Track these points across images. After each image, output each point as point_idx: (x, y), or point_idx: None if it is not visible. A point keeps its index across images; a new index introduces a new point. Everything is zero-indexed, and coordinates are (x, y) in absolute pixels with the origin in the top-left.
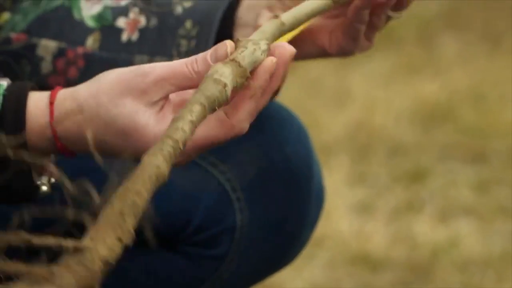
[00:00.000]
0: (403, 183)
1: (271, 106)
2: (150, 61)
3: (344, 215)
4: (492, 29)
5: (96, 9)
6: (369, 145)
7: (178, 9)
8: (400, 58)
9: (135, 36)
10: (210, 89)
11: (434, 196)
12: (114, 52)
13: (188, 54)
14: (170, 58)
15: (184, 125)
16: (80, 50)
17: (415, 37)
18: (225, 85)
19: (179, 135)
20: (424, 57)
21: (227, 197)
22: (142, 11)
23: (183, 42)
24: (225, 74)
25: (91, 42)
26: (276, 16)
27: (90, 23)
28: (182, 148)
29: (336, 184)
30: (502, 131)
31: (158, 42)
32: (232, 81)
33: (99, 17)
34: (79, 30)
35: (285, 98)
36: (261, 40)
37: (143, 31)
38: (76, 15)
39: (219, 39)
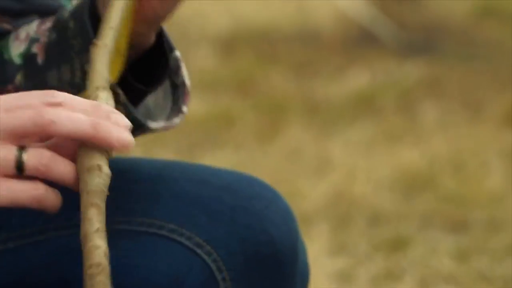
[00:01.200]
0: (383, 251)
1: (257, 186)
2: (58, 73)
3: (325, 284)
4: (472, 97)
5: (22, 47)
6: (349, 213)
7: (65, 13)
8: (381, 126)
9: (43, 56)
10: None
11: (414, 265)
12: (36, 79)
13: (81, 52)
14: (72, 61)
15: (96, 238)
16: (10, 87)
17: (395, 105)
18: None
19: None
20: (404, 125)
21: (213, 278)
22: (46, 29)
23: (74, 42)
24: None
25: (19, 78)
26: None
27: (18, 60)
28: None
29: (316, 253)
30: (482, 199)
31: (59, 52)
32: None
33: (25, 53)
34: (9, 69)
35: (265, 167)
36: (103, 91)
37: (47, 48)
38: (5, 55)
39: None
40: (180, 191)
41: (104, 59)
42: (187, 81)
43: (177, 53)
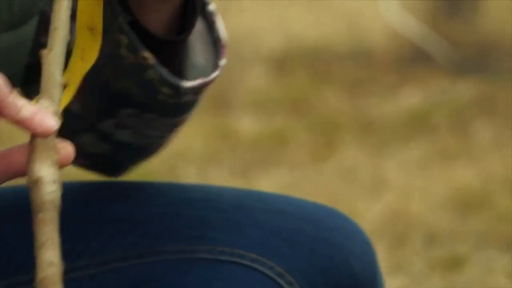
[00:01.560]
0: (439, 271)
1: (337, 217)
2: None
3: None
4: None
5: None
6: (405, 233)
7: None
8: (435, 145)
9: None
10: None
11: (470, 284)
12: None
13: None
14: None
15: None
16: None
17: (449, 123)
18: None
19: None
20: (458, 144)
21: None
22: None
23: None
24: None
25: None
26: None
27: None
28: None
29: None
30: None
31: None
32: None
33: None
34: None
35: (319, 186)
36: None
37: None
38: None
39: None
40: (262, 221)
41: (54, 68)
42: (223, 35)
43: (212, 6)
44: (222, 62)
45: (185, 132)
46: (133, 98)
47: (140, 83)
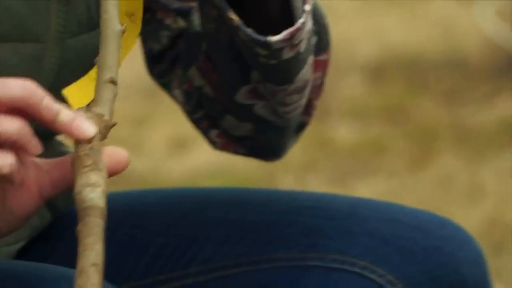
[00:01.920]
0: None
1: (449, 226)
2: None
3: None
4: None
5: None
6: (503, 241)
7: None
8: None
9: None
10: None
11: None
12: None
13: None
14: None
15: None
16: (201, 57)
17: None
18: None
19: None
20: None
21: None
22: None
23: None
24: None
25: (204, 45)
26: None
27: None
28: None
29: None
30: None
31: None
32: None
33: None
34: (199, 41)
35: (416, 194)
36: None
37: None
38: (192, 29)
39: None
40: (373, 229)
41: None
42: None
43: None
44: (307, 7)
45: None
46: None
47: (242, 47)
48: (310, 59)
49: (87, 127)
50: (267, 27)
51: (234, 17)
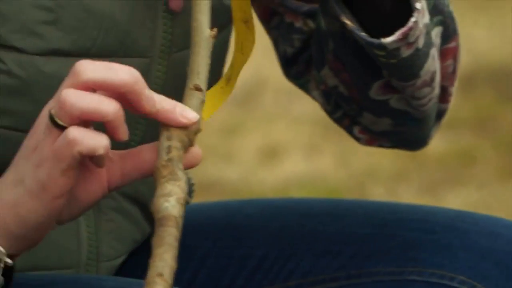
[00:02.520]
0: None
1: None
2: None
3: None
4: None
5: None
6: None
7: None
8: None
9: None
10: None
11: None
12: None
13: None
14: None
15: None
16: (329, 56)
17: None
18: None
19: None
20: None
21: None
22: None
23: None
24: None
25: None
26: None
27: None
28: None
29: None
30: None
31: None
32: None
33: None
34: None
35: (508, 205)
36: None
37: None
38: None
39: None
40: (472, 243)
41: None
42: None
43: None
44: (419, 5)
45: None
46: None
47: (362, 47)
48: (433, 52)
49: (190, 112)
50: (382, 24)
51: (347, 21)
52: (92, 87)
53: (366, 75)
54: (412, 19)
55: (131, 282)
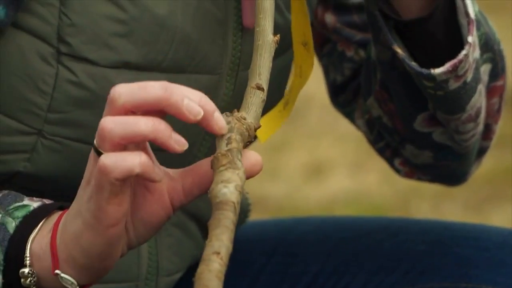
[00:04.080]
0: None
1: None
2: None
3: None
4: None
5: None
6: None
7: None
8: None
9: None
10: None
11: None
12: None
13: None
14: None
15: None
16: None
17: None
18: (234, 204)
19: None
20: None
21: None
22: None
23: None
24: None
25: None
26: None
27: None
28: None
29: None
30: None
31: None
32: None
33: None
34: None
35: None
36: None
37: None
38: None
39: None
40: None
41: (263, 58)
42: (471, 11)
43: None
44: (470, 39)
45: None
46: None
47: (410, 77)
48: (480, 87)
49: (221, 122)
50: (433, 56)
51: (399, 50)
52: (131, 110)
53: (412, 106)
54: (463, 52)
55: None
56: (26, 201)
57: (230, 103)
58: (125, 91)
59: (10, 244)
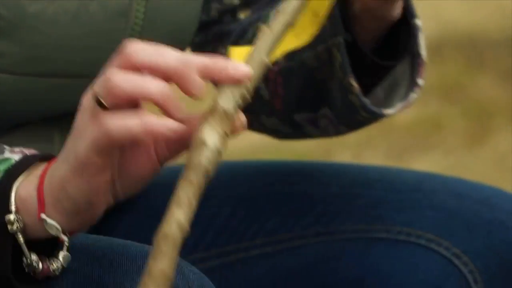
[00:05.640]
0: None
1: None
2: (315, 53)
3: None
4: None
5: None
6: None
7: None
8: None
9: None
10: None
11: None
12: (294, 61)
13: (332, 34)
14: (326, 42)
15: (175, 209)
16: (275, 68)
17: None
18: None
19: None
20: None
21: None
22: None
23: (327, 24)
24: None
25: (281, 59)
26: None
27: None
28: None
29: None
30: None
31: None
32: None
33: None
34: None
35: (474, 172)
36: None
37: None
38: None
39: None
40: (440, 202)
41: (263, 46)
42: (423, 52)
43: (418, 21)
44: (420, 81)
45: None
46: (334, 106)
47: (345, 101)
48: None
49: (241, 66)
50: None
51: (355, 84)
52: (139, 68)
53: (305, 105)
54: (414, 95)
55: (102, 238)
56: (7, 153)
57: (141, 33)
58: (142, 49)
59: None
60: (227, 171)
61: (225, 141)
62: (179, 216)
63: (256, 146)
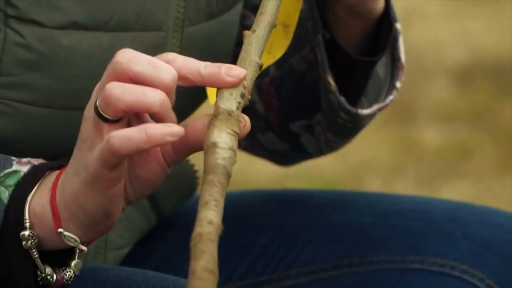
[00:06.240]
0: None
1: None
2: (301, 56)
3: None
4: None
5: None
6: None
7: None
8: None
9: None
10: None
11: None
12: (283, 68)
13: (315, 33)
14: (310, 42)
15: (203, 210)
16: (266, 79)
17: None
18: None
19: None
20: None
21: None
22: None
23: (308, 24)
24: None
25: (272, 69)
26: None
27: None
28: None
29: None
30: None
31: (298, 37)
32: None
33: None
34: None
35: (504, 199)
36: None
37: None
38: None
39: None
40: (473, 233)
41: (252, 48)
42: (403, 56)
43: (398, 25)
44: (398, 84)
45: (370, 143)
46: (322, 108)
47: (326, 101)
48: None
49: (236, 69)
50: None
51: (332, 81)
52: (134, 80)
53: (299, 112)
54: (391, 98)
55: (136, 271)
56: (15, 165)
57: None
58: (135, 60)
59: (6, 214)
60: (260, 200)
61: (235, 138)
62: (208, 214)
63: (285, 173)
